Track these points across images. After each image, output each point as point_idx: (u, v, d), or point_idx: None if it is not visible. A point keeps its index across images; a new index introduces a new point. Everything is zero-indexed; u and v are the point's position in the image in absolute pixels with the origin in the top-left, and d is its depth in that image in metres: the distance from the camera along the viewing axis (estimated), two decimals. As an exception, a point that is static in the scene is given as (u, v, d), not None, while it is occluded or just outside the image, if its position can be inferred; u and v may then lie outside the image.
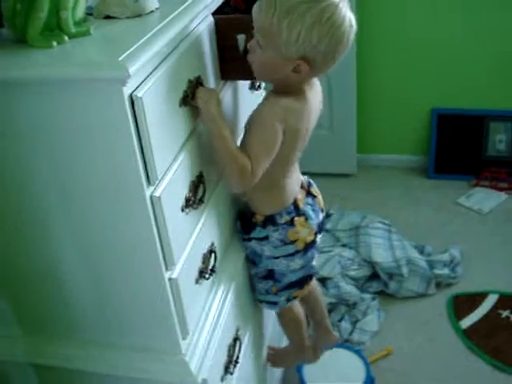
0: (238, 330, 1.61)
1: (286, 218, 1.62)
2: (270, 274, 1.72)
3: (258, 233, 1.65)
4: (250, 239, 1.67)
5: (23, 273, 1.33)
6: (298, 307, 1.91)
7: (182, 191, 1.27)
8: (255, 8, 1.35)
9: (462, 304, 2.63)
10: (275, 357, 2.07)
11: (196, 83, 1.29)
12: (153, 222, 1.15)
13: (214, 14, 1.45)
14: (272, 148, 1.44)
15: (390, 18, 3.32)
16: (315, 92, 1.54)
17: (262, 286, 1.76)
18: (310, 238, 1.67)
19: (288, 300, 1.79)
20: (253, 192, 1.59)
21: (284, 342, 2.25)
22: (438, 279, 2.72)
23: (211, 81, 1.43)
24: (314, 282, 1.92)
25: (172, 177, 1.20)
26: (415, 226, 3.14)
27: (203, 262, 1.41)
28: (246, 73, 1.51)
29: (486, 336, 2.46)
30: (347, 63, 1.42)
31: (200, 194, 1.34)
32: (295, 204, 1.64)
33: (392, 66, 3.47)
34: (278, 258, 1.67)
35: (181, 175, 1.25)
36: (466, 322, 2.54)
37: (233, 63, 1.50)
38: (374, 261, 2.71)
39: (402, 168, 3.68)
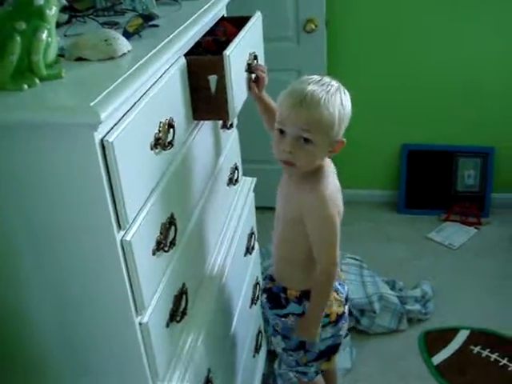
0: (209, 372, 1.58)
1: None
2: (301, 345, 1.80)
3: (294, 308, 1.74)
4: (286, 315, 1.75)
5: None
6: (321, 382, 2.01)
7: (154, 234, 1.25)
8: (298, 110, 1.47)
9: (434, 340, 2.64)
10: None
11: (168, 126, 1.29)
12: (123, 267, 1.13)
13: (185, 55, 1.45)
14: (338, 234, 1.61)
15: (359, 55, 3.38)
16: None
17: (293, 358, 1.84)
18: (340, 310, 1.77)
19: (316, 372, 1.88)
20: (290, 270, 1.73)
21: (256, 381, 2.23)
22: (410, 315, 2.73)
23: (183, 121, 1.42)
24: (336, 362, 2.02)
25: (143, 220, 1.18)
26: (386, 261, 3.15)
27: (174, 305, 1.39)
28: (218, 113, 1.52)
29: (458, 372, 2.46)
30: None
31: (171, 235, 1.33)
32: None
33: (363, 103, 3.47)
34: None
35: (152, 218, 1.23)
36: (438, 358, 2.54)
37: (205, 103, 1.50)
38: (346, 297, 2.70)
39: (372, 203, 3.71)
